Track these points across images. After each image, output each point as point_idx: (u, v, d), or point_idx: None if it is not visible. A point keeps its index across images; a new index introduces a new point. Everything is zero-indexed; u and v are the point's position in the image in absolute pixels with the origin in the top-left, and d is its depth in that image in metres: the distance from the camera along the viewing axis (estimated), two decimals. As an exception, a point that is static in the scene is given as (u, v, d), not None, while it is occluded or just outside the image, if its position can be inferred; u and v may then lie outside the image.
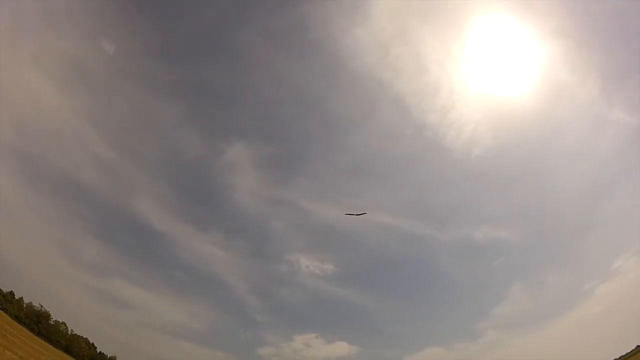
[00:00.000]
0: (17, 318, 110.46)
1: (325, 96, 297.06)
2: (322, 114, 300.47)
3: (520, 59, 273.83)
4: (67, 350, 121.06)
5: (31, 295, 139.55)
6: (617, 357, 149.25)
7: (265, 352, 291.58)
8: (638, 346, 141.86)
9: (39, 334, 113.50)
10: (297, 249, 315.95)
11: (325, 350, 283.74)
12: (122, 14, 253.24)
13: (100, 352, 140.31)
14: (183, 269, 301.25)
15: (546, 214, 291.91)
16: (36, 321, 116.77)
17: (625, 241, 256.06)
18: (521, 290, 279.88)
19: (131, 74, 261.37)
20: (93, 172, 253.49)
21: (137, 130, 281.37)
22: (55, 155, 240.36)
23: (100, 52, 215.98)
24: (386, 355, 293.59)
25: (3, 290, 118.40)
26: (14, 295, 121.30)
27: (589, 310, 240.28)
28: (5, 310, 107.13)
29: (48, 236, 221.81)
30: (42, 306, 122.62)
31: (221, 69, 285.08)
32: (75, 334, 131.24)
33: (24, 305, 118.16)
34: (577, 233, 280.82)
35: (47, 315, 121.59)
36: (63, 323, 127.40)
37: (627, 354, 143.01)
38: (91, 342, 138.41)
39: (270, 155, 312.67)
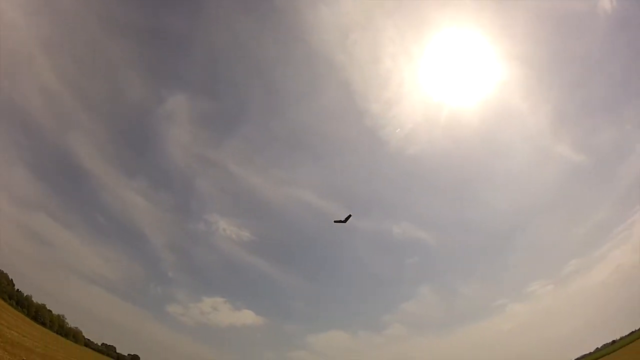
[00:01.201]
0: None
1: (275, 65, 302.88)
2: (269, 82, 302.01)
3: (476, 74, 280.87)
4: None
5: None
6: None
7: (173, 310, 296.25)
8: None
9: None
10: (218, 211, 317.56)
11: (231, 317, 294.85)
12: None
13: (18, 289, 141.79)
14: (105, 213, 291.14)
15: (470, 227, 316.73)
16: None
17: (545, 269, 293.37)
18: (432, 293, 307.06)
19: (93, 10, 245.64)
20: (39, 102, 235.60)
21: (88, 67, 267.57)
22: (5, 78, 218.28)
23: None
24: (290, 331, 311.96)
25: None
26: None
27: (498, 325, 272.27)
28: None
29: None
30: None
31: (179, 17, 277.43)
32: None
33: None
34: (497, 251, 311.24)
35: None
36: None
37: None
38: (10, 278, 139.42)
39: (209, 112, 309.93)
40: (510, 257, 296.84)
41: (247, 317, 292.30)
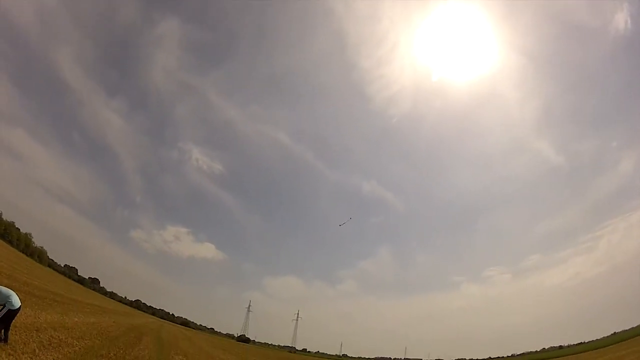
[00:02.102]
0: None
1: (272, 3, 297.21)
2: (263, 20, 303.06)
3: (472, 54, 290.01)
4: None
5: None
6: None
7: (136, 236, 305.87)
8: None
9: None
10: (192, 140, 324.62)
11: (192, 248, 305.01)
12: None
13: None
14: (80, 131, 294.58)
15: (437, 199, 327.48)
16: None
17: (504, 258, 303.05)
18: (390, 255, 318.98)
19: None
20: (31, 17, 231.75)
21: None
22: None
23: None
24: (247, 270, 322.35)
25: None
26: None
27: (450, 301, 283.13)
28: None
29: None
30: None
31: None
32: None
33: None
34: (460, 229, 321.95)
35: None
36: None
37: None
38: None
39: (198, 41, 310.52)
40: (472, 238, 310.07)
41: (207, 250, 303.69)
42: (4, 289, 14.30)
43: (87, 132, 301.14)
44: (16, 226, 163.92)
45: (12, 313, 14.09)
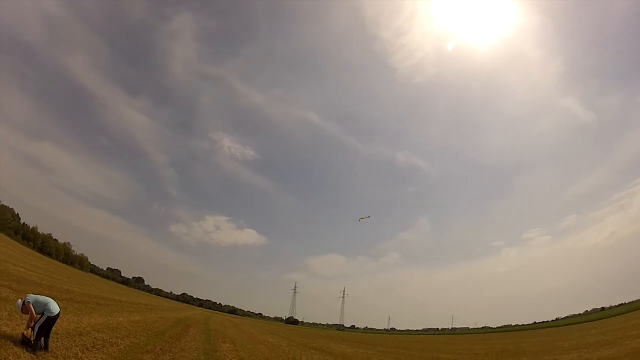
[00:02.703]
0: None
1: None
2: (274, 2, 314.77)
3: (491, 14, 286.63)
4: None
5: None
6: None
7: (176, 230, 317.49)
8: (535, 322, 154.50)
9: None
10: (222, 128, 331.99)
11: (234, 236, 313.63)
12: None
13: (24, 223, 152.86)
14: (107, 135, 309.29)
15: (469, 164, 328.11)
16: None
17: (542, 219, 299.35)
18: (429, 224, 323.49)
19: None
20: (39, 28, 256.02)
21: None
22: (4, 10, 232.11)
23: None
24: (290, 252, 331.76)
25: None
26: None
27: (492, 267, 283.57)
28: None
29: None
30: None
31: None
32: (2, 204, 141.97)
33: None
34: (495, 192, 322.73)
35: None
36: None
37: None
38: (16, 212, 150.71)
39: (214, 30, 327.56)
40: (508, 200, 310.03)
41: (249, 236, 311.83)
42: (41, 297, 14.40)
43: (114, 135, 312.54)
44: (54, 238, 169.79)
45: (51, 320, 14.13)
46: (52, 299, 14.62)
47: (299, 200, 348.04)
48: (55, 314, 14.28)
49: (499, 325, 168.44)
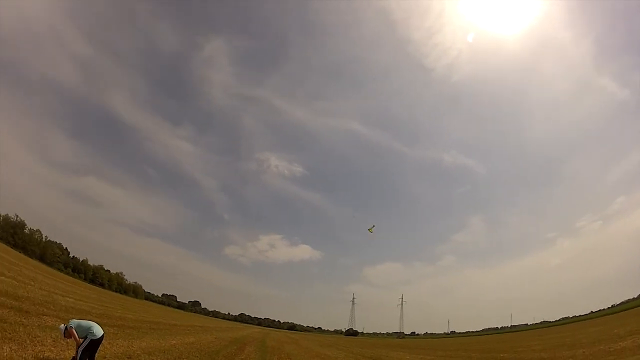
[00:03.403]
0: None
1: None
2: (303, 13, 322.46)
3: (518, 3, 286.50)
4: (41, 258, 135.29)
5: (6, 205, 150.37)
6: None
7: (231, 252, 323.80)
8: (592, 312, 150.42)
9: (14, 245, 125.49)
10: (267, 148, 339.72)
11: (289, 253, 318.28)
12: None
13: (74, 256, 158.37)
14: (153, 165, 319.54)
15: (514, 156, 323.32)
16: (12, 233, 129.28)
17: (592, 204, 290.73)
18: (481, 222, 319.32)
19: None
20: (69, 68, 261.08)
21: (115, 25, 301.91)
22: (31, 54, 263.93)
23: None
24: (346, 264, 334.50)
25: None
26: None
27: (547, 260, 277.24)
28: None
29: (20, 138, 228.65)
30: (17, 216, 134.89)
31: None
32: (50, 240, 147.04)
33: (0, 219, 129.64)
34: (542, 182, 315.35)
35: (22, 225, 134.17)
36: (37, 230, 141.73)
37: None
38: (64, 246, 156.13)
39: (247, 51, 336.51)
40: (556, 189, 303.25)
41: (304, 251, 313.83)
42: (84, 322, 14.35)
43: (161, 165, 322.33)
44: (105, 268, 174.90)
45: (95, 343, 14.01)
46: (95, 323, 14.51)
47: (350, 211, 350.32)
48: (99, 336, 14.11)
49: (557, 319, 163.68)
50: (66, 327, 13.65)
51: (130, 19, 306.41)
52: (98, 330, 14.11)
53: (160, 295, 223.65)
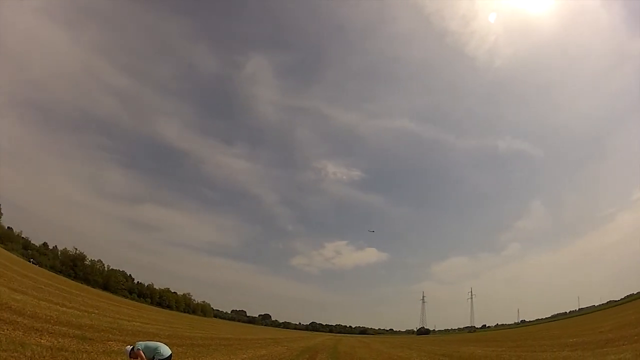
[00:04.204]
0: (52, 268, 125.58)
1: (338, 3, 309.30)
2: (337, 19, 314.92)
3: None
4: (105, 287, 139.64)
5: (66, 241, 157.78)
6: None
7: (297, 262, 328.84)
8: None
9: (75, 277, 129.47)
10: (323, 156, 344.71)
11: (355, 257, 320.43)
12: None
13: (138, 282, 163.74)
14: (210, 185, 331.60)
15: (563, 133, 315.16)
16: (72, 265, 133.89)
17: None
18: (542, 207, 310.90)
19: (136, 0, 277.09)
20: (110, 102, 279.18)
21: (151, 54, 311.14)
22: (69, 94, 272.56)
23: None
24: (414, 263, 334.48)
25: (36, 244, 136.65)
26: (48, 246, 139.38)
27: (609, 236, 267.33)
28: (40, 264, 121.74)
29: (74, 177, 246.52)
30: (76, 249, 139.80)
31: None
32: (112, 268, 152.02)
33: (59, 253, 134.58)
34: (593, 157, 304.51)
35: (82, 257, 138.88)
36: (99, 261, 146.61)
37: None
38: (128, 273, 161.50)
39: (288, 64, 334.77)
40: (608, 163, 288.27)
41: (370, 255, 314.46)
42: (151, 343, 14.19)
43: (218, 184, 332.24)
44: (172, 290, 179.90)
45: None
46: (163, 344, 14.29)
47: (412, 210, 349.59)
48: (166, 356, 13.82)
49: (623, 297, 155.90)
50: (132, 349, 13.59)
51: (165, 46, 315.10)
52: (165, 350, 13.90)
53: (229, 312, 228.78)
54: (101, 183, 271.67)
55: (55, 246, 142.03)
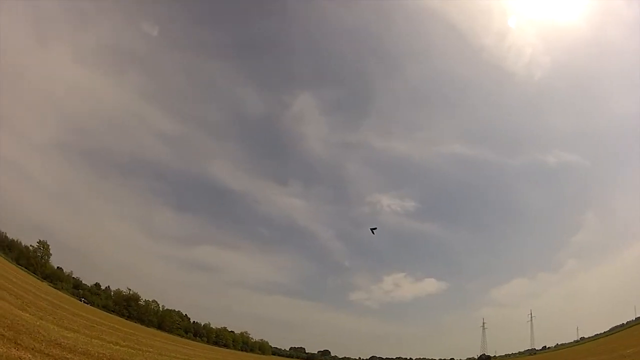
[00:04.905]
0: (105, 307, 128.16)
1: (377, 33, 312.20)
2: (377, 51, 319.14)
3: None
4: (160, 326, 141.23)
5: (120, 282, 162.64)
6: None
7: (356, 297, 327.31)
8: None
9: (129, 317, 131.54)
10: (377, 189, 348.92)
11: (414, 289, 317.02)
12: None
13: (194, 321, 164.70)
14: (266, 225, 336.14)
15: (609, 138, 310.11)
16: (126, 305, 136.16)
17: None
18: (596, 217, 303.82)
19: (178, 45, 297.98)
20: (160, 147, 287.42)
21: (197, 97, 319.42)
22: (119, 141, 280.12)
23: (144, 35, 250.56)
24: (473, 289, 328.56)
25: (88, 284, 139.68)
26: (100, 286, 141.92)
27: None
28: (91, 303, 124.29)
29: (125, 219, 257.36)
30: (130, 290, 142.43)
31: (268, 22, 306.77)
32: (167, 308, 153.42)
33: (112, 293, 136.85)
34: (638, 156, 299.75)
35: (136, 298, 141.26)
36: (154, 301, 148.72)
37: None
38: (184, 313, 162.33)
39: (335, 99, 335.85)
40: None
41: (429, 285, 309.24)
42: None
43: (273, 224, 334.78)
44: (229, 329, 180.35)
45: None
46: None
47: (468, 235, 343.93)
48: None
49: None
50: None
51: (211, 89, 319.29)
52: None
53: (288, 349, 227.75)
54: (154, 225, 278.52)
55: (108, 286, 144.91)
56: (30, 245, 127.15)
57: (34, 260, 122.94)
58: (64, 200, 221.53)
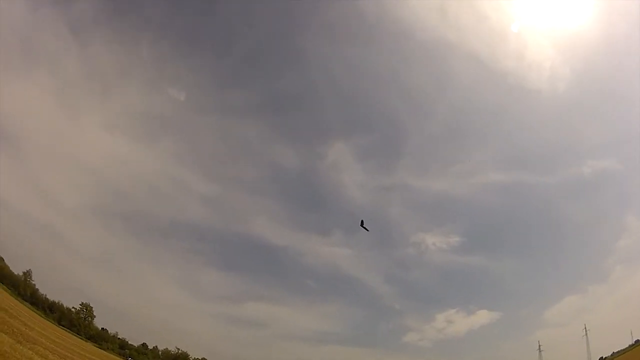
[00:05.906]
0: None
1: (400, 73, 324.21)
2: (403, 91, 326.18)
3: None
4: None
5: (168, 342, 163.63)
6: None
7: (410, 339, 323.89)
8: None
9: None
10: (420, 229, 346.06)
11: (467, 323, 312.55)
12: (178, 57, 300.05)
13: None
14: (312, 277, 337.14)
15: (636, 136, 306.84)
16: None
17: None
18: (636, 219, 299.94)
19: (207, 108, 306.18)
20: (199, 209, 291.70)
21: (230, 157, 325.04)
22: (157, 205, 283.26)
23: (171, 100, 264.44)
24: (525, 314, 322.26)
25: (134, 344, 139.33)
26: (147, 346, 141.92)
27: None
28: None
29: (169, 280, 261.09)
30: (178, 349, 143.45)
31: (291, 75, 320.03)
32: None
33: (160, 352, 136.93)
34: None
35: (184, 356, 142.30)
36: (203, 359, 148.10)
37: None
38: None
39: (367, 145, 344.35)
40: None
41: (482, 317, 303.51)
42: None
43: (319, 275, 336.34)
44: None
45: None
46: None
47: (515, 261, 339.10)
48: None
49: None
50: None
51: (244, 148, 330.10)
52: None
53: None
54: (200, 285, 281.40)
55: (156, 346, 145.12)
56: (73, 307, 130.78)
57: (77, 322, 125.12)
58: (106, 264, 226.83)
